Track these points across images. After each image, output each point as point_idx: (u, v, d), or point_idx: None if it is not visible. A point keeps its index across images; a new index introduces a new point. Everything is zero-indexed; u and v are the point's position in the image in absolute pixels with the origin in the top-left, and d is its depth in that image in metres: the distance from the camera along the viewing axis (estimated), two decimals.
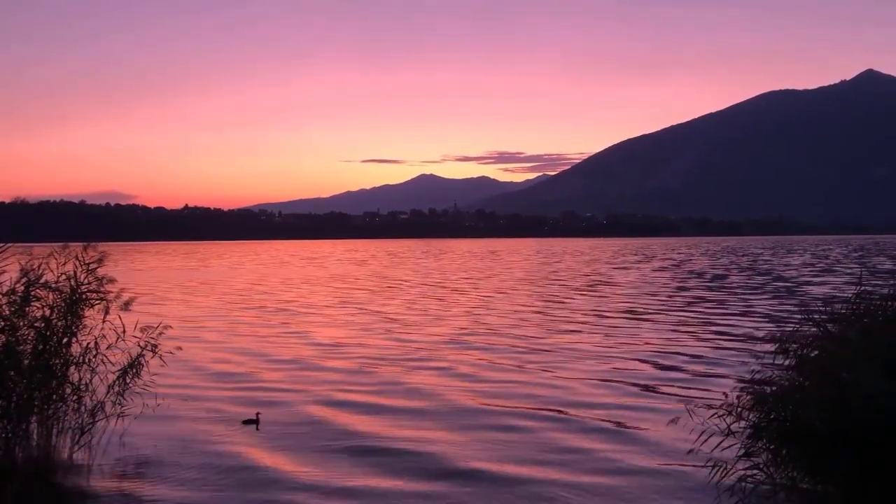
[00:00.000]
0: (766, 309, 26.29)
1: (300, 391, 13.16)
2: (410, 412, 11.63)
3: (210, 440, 10.12)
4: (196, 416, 11.40)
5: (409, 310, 27.35)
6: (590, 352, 17.30)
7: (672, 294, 33.64)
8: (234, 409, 11.74)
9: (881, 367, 6.12)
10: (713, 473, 6.72)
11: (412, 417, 11.31)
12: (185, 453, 9.49)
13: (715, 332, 20.35)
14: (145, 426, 10.26)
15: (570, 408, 11.85)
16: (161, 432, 10.35)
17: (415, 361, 16.18)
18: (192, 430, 10.59)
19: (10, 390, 8.87)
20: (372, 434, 10.38)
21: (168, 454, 9.44)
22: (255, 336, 20.58)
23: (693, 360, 15.98)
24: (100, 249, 9.96)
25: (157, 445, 9.78)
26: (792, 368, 6.93)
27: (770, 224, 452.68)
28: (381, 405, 12.10)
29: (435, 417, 11.28)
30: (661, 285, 39.44)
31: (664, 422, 9.73)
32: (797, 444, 6.36)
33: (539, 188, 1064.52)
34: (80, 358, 9.42)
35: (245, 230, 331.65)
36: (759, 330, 19.29)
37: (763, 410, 6.58)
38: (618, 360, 16.16)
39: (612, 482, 8.36)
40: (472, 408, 11.85)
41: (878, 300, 7.07)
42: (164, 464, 9.07)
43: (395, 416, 11.38)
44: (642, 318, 24.16)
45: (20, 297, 9.23)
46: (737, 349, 17.25)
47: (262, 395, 12.90)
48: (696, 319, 23.56)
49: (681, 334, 20.08)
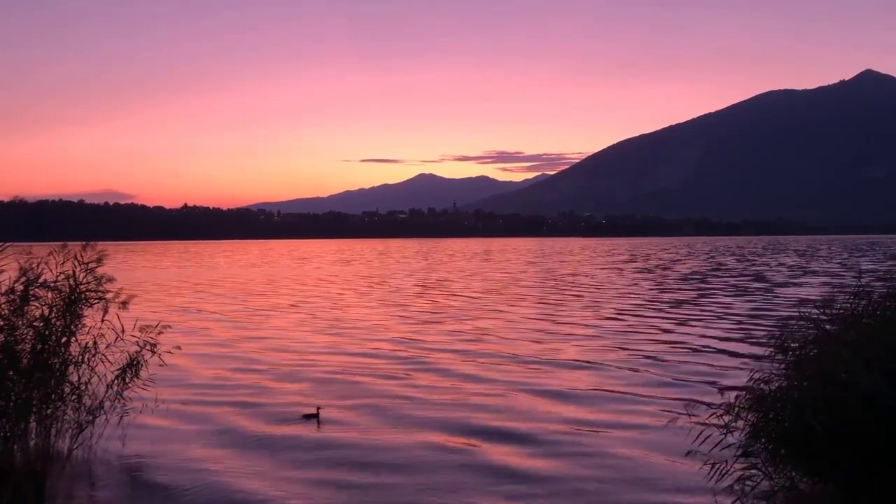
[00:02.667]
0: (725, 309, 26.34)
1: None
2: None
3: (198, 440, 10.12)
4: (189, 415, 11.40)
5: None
6: (581, 356, 17.31)
7: (660, 292, 33.67)
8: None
9: (879, 367, 6.13)
10: (712, 473, 6.72)
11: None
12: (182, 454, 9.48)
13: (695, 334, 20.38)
14: (144, 425, 10.25)
15: (569, 409, 11.88)
16: (160, 432, 10.35)
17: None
18: (188, 430, 10.60)
19: (8, 389, 8.86)
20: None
21: (167, 455, 9.44)
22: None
23: (692, 360, 16.00)
24: (98, 249, 9.97)
25: (156, 444, 9.78)
26: (790, 368, 6.94)
27: (769, 224, 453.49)
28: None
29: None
30: (640, 285, 39.49)
31: (663, 422, 9.73)
32: (796, 444, 6.37)
33: (538, 188, 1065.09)
34: (79, 357, 9.42)
35: (244, 229, 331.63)
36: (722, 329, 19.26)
37: (762, 410, 6.58)
38: (614, 356, 16.16)
39: (611, 482, 8.37)
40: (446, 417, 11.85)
41: (877, 301, 7.09)
42: (164, 464, 9.07)
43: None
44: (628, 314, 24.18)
45: (19, 297, 9.22)
46: (737, 349, 17.26)
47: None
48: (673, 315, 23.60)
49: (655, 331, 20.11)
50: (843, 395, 6.05)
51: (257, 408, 11.90)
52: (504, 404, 12.09)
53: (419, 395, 12.75)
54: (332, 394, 12.88)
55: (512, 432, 10.43)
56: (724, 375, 14.12)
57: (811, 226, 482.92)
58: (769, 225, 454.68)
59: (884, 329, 6.61)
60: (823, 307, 7.29)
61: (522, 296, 33.41)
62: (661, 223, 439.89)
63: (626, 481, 8.39)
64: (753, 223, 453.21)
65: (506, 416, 11.37)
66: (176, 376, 13.71)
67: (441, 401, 12.33)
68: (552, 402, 12.24)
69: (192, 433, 10.46)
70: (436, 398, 12.52)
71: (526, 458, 9.33)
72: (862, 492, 6.14)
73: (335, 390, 13.19)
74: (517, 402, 12.28)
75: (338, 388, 13.35)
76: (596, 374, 14.68)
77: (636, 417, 11.21)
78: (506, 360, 16.15)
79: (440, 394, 12.89)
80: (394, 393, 12.95)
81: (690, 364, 15.62)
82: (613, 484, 8.31)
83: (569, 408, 11.88)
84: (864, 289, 7.29)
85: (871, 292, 7.34)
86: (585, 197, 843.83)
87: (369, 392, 13.02)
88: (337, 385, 13.67)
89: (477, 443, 9.93)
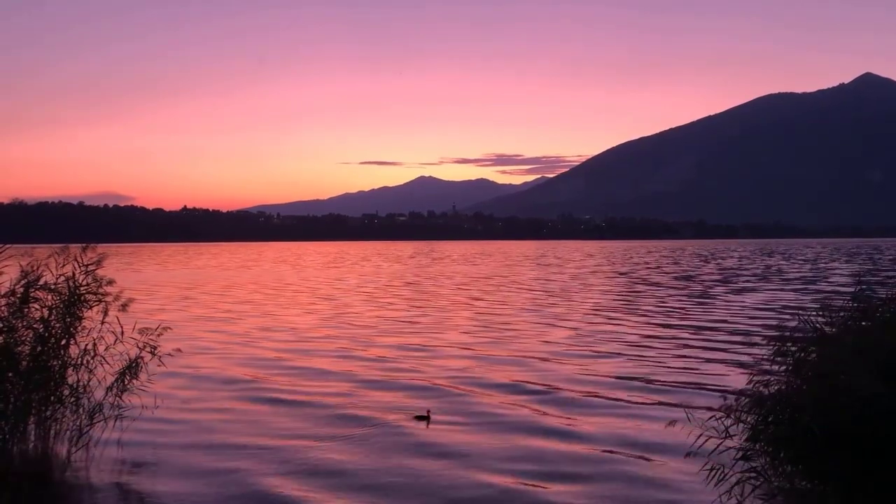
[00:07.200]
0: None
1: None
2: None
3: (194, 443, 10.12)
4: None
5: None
6: (579, 351, 17.31)
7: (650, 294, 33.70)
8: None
9: (878, 370, 6.14)
10: (711, 476, 6.72)
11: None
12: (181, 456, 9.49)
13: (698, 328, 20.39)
14: (143, 428, 10.25)
15: (567, 408, 11.89)
16: (159, 433, 10.35)
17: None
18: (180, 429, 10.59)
19: (7, 392, 8.86)
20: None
21: (166, 456, 9.44)
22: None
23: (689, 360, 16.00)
24: (99, 251, 9.97)
25: (155, 447, 9.78)
26: (790, 371, 6.95)
27: (767, 227, 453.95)
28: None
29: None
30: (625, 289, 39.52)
31: (662, 424, 9.73)
32: (795, 446, 6.38)
33: (537, 190, 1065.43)
34: (79, 359, 9.42)
35: (243, 232, 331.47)
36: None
37: (761, 413, 6.58)
38: (613, 357, 16.18)
39: (610, 483, 8.37)
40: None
41: (876, 303, 7.10)
42: (163, 465, 9.07)
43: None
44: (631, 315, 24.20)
45: (19, 299, 9.22)
46: (735, 350, 17.27)
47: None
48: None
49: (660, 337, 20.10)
50: (841, 398, 6.06)
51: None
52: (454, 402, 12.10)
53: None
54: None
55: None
56: (723, 377, 14.13)
57: (810, 229, 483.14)
58: (768, 228, 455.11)
59: (882, 332, 6.62)
60: (822, 310, 7.30)
61: (511, 296, 33.44)
62: (660, 226, 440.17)
63: (626, 483, 8.40)
64: (752, 226, 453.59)
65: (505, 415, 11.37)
66: (173, 376, 13.72)
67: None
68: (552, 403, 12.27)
69: (190, 438, 10.47)
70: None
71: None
72: (860, 494, 6.14)
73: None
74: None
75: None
76: (596, 373, 14.71)
77: (635, 419, 11.23)
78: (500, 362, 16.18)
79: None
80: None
81: (690, 364, 15.64)
82: (613, 486, 8.31)
83: (567, 408, 11.92)
84: (863, 292, 7.30)
85: (871, 296, 7.35)
86: (585, 199, 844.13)
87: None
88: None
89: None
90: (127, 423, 9.66)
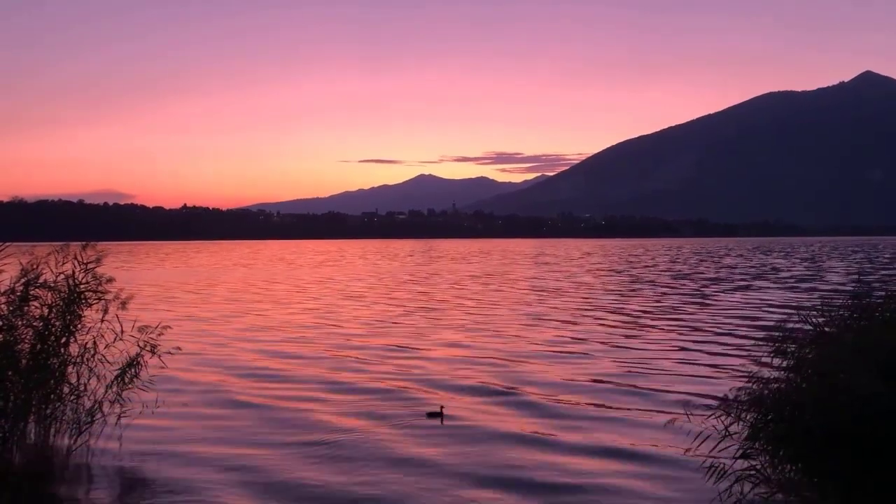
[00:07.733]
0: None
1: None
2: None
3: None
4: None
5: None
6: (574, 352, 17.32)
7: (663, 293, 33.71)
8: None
9: (878, 369, 6.14)
10: (710, 475, 6.73)
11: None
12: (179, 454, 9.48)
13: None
14: (143, 425, 10.25)
15: (563, 408, 11.89)
16: (159, 432, 10.35)
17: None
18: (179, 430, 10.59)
19: (7, 390, 8.86)
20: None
21: (165, 456, 9.44)
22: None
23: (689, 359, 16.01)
24: (98, 249, 9.96)
25: (156, 444, 9.78)
26: (789, 370, 6.95)
27: (767, 226, 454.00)
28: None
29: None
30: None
31: (661, 423, 9.73)
32: (795, 445, 6.38)
33: (537, 189, 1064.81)
34: (79, 357, 9.42)
35: (243, 230, 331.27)
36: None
37: (760, 412, 6.59)
38: (612, 358, 16.18)
39: (609, 484, 8.37)
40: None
41: (876, 302, 7.10)
42: (162, 465, 9.07)
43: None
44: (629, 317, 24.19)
45: (19, 297, 9.22)
46: (734, 349, 17.27)
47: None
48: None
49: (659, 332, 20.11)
50: (841, 397, 6.06)
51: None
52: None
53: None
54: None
55: (512, 431, 10.44)
56: (723, 377, 14.12)
57: (810, 227, 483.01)
58: (767, 226, 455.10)
59: (882, 331, 6.62)
60: (822, 309, 7.30)
61: (503, 297, 33.43)
62: (659, 224, 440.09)
63: (625, 482, 8.41)
64: (751, 225, 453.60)
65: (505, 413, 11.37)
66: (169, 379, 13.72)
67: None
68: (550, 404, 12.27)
69: (189, 434, 10.47)
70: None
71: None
72: (860, 493, 6.15)
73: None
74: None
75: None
76: (593, 374, 14.71)
77: (634, 418, 11.23)
78: (503, 356, 16.19)
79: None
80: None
81: (689, 365, 15.64)
82: (611, 486, 8.32)
83: (557, 408, 11.92)
84: (863, 290, 7.31)
85: (870, 294, 7.36)
86: (585, 198, 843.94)
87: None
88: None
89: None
90: (127, 422, 9.65)
